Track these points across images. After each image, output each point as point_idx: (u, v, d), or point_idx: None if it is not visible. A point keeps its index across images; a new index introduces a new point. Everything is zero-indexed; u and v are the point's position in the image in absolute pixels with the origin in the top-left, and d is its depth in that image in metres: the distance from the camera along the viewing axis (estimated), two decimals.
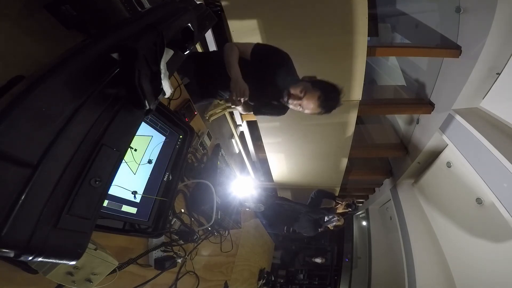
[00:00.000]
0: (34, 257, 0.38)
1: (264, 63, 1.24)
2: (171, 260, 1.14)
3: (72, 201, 0.43)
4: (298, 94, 1.16)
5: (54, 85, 0.40)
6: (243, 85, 1.13)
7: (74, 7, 0.62)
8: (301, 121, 2.68)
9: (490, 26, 1.79)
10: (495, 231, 2.15)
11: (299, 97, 1.17)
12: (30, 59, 0.63)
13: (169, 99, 1.23)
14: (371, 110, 2.78)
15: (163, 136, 1.09)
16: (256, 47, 1.27)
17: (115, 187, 0.84)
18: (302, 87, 1.17)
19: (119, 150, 0.52)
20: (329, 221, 2.63)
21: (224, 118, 2.98)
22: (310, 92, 1.15)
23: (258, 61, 1.24)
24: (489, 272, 2.23)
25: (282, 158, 3.23)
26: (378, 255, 4.55)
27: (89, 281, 0.71)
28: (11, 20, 0.59)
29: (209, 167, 1.51)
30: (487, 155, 1.92)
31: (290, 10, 1.86)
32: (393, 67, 3.40)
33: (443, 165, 2.77)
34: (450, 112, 2.30)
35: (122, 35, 0.51)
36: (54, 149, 0.39)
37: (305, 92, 1.15)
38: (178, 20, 0.65)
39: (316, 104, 1.16)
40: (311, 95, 1.15)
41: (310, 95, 1.15)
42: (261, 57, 1.25)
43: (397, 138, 3.47)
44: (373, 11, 2.86)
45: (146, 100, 0.52)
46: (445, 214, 2.88)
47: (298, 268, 6.73)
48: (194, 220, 1.38)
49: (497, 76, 2.01)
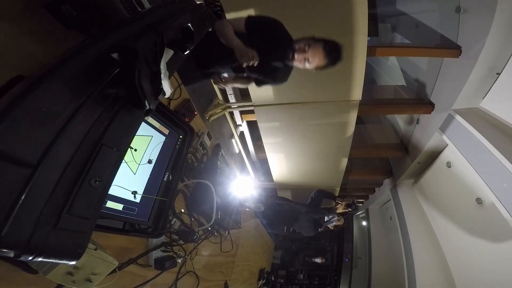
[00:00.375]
0: (34, 257, 0.38)
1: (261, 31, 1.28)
2: (171, 260, 1.14)
3: (72, 201, 0.43)
4: (303, 48, 1.21)
5: (54, 85, 0.40)
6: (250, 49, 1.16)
7: (74, 7, 0.63)
8: (301, 121, 2.68)
9: (490, 26, 1.78)
10: (495, 231, 2.15)
11: (304, 51, 1.21)
12: (30, 59, 0.63)
13: (169, 99, 1.23)
14: (371, 110, 2.78)
15: (163, 136, 1.09)
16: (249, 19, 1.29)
17: (115, 187, 0.84)
18: (305, 42, 1.22)
19: (119, 150, 0.52)
20: (329, 221, 2.63)
21: (224, 118, 2.98)
22: (314, 44, 1.20)
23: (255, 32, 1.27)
24: (489, 272, 2.23)
25: (282, 158, 3.23)
26: (378, 255, 4.55)
27: (89, 281, 0.71)
28: (11, 20, 0.59)
29: (209, 167, 1.51)
30: (487, 155, 1.92)
31: (290, 10, 1.86)
32: (393, 67, 3.40)
33: (443, 165, 2.77)
34: (450, 112, 2.30)
35: (122, 35, 0.51)
36: (54, 149, 0.39)
37: (309, 45, 1.20)
38: (178, 20, 0.65)
39: (322, 55, 1.20)
40: (315, 46, 1.20)
41: (315, 47, 1.20)
42: (256, 27, 1.28)
43: (397, 138, 3.47)
44: (373, 11, 2.86)
45: (146, 100, 0.52)
46: (445, 214, 2.88)
47: (298, 268, 6.73)
48: (194, 220, 1.38)
49: (497, 76, 2.01)
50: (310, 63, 1.23)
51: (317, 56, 1.20)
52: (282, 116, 2.65)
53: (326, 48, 1.20)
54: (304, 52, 1.21)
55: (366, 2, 1.77)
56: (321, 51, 1.20)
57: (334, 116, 2.56)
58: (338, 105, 2.42)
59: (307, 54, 1.21)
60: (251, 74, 1.44)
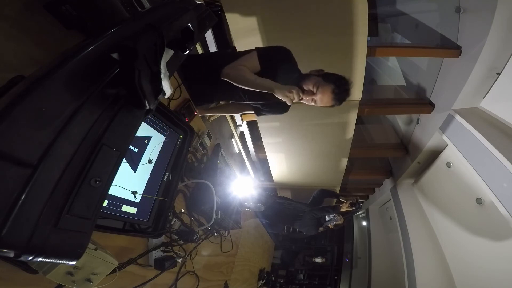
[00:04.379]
0: (34, 257, 0.38)
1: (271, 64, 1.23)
2: (171, 260, 1.14)
3: (72, 201, 0.43)
4: (311, 89, 1.17)
5: (54, 85, 0.40)
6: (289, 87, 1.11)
7: (74, 7, 0.62)
8: (301, 121, 2.68)
9: (490, 26, 1.78)
10: (495, 231, 2.14)
11: (312, 92, 1.17)
12: (30, 59, 0.63)
13: (169, 99, 1.23)
14: (371, 110, 2.78)
15: (163, 136, 1.09)
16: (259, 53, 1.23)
17: (115, 187, 0.84)
18: (314, 82, 1.17)
19: (119, 150, 0.52)
20: (330, 220, 2.63)
21: (224, 118, 2.98)
22: (323, 87, 1.16)
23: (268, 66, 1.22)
24: (489, 272, 2.23)
25: (282, 158, 3.23)
26: (378, 255, 4.55)
27: (89, 281, 0.71)
28: (11, 20, 0.59)
29: (209, 167, 1.51)
30: (487, 155, 1.92)
31: (290, 10, 1.86)
32: (393, 67, 3.40)
33: (443, 165, 2.76)
34: (450, 112, 2.30)
35: (122, 35, 0.51)
36: (54, 149, 0.39)
37: (318, 87, 1.16)
38: (178, 20, 0.65)
39: (330, 98, 1.17)
40: (324, 89, 1.16)
41: (323, 89, 1.16)
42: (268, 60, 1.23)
43: (397, 138, 3.47)
44: (373, 11, 2.86)
45: (146, 100, 0.52)
46: (445, 214, 2.88)
47: (298, 268, 6.73)
48: (194, 220, 1.38)
49: (497, 76, 2.01)
50: (316, 104, 1.20)
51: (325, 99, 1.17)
52: (282, 116, 2.64)
53: (335, 91, 1.16)
54: (313, 94, 1.17)
55: (366, 2, 1.77)
56: (330, 94, 1.16)
57: (334, 116, 2.56)
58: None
59: (316, 97, 1.17)
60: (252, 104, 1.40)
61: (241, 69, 1.17)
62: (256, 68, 1.20)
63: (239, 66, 1.18)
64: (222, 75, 1.19)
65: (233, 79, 1.16)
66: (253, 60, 1.20)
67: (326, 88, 1.15)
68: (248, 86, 1.15)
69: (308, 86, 1.17)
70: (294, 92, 1.10)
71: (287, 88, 1.11)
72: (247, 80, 1.15)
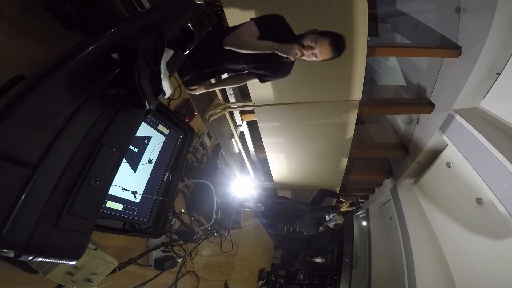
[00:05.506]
0: (34, 257, 0.38)
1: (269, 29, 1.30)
2: (171, 260, 1.14)
3: (72, 201, 0.43)
4: (311, 44, 1.25)
5: (54, 85, 0.40)
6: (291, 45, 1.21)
7: (74, 7, 0.62)
8: (301, 121, 2.68)
9: (490, 26, 1.78)
10: (495, 231, 2.14)
11: (312, 47, 1.26)
12: (30, 59, 0.63)
13: (169, 99, 1.23)
14: (371, 110, 2.78)
15: (163, 136, 1.09)
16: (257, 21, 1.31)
17: (115, 187, 0.84)
18: (312, 38, 1.26)
19: (119, 150, 0.52)
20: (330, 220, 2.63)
21: (224, 118, 2.98)
22: (320, 41, 1.25)
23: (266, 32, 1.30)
24: (489, 272, 2.23)
25: (282, 158, 3.23)
26: (378, 255, 4.55)
27: (89, 281, 0.71)
28: (11, 20, 0.59)
29: (209, 167, 1.51)
30: (487, 155, 1.92)
31: (290, 9, 1.86)
32: (393, 67, 3.40)
33: (443, 165, 2.76)
34: (450, 112, 2.30)
35: (122, 35, 0.51)
36: (54, 149, 0.39)
37: (316, 41, 1.25)
38: (178, 20, 0.65)
39: (329, 49, 1.25)
40: (322, 42, 1.25)
41: (321, 43, 1.25)
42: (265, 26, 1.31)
43: (397, 138, 3.47)
44: (373, 11, 2.86)
45: (146, 100, 0.52)
46: (445, 214, 2.88)
47: (298, 268, 6.73)
48: (194, 220, 1.38)
49: (497, 76, 2.01)
50: (317, 58, 1.28)
51: (324, 51, 1.26)
52: (282, 116, 2.65)
53: (332, 42, 1.25)
54: (312, 48, 1.25)
55: (366, 2, 1.77)
56: (328, 45, 1.25)
57: (334, 116, 2.56)
58: (338, 105, 2.42)
59: (315, 50, 1.25)
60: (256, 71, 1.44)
61: (243, 35, 1.27)
62: (256, 35, 1.28)
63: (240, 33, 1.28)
64: (225, 44, 1.28)
65: (236, 45, 1.26)
66: (252, 28, 1.29)
67: (324, 41, 1.25)
68: (252, 49, 1.25)
69: (307, 42, 1.26)
70: (296, 47, 1.20)
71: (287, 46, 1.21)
72: (250, 43, 1.24)
